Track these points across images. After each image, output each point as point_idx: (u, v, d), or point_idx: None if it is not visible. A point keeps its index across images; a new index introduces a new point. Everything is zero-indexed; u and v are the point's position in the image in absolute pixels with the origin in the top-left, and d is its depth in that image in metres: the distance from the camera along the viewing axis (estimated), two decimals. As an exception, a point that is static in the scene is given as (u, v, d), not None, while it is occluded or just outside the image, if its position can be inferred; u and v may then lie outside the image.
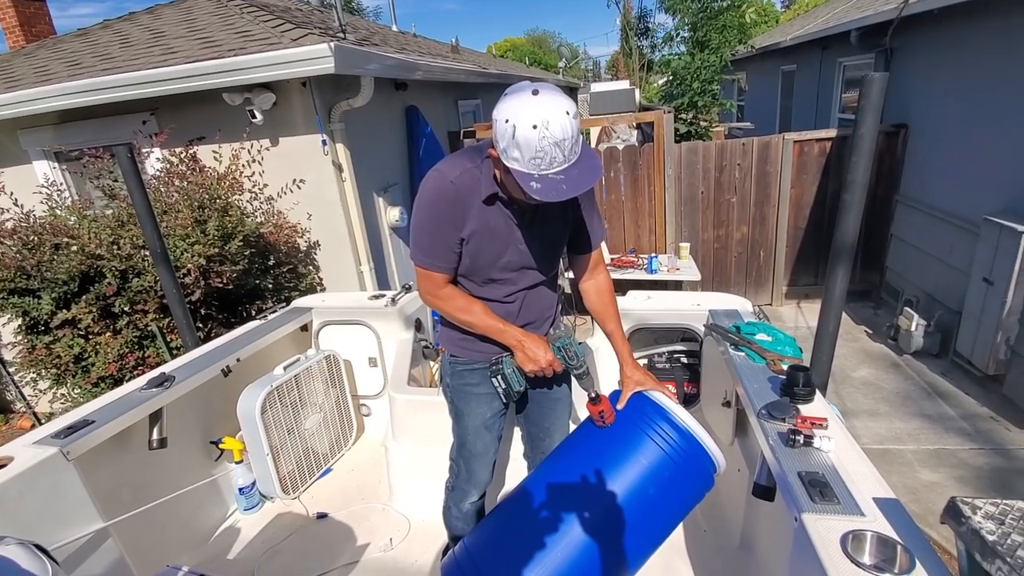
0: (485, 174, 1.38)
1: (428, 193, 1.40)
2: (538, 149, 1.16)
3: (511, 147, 1.18)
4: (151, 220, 2.52)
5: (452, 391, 1.68)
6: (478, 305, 1.49)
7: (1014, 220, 3.50)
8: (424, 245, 1.44)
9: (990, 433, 3.44)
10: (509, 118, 1.17)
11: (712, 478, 1.48)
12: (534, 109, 1.15)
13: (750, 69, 11.10)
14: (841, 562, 1.02)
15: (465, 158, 1.41)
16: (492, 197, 1.39)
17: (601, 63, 37.62)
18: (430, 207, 1.40)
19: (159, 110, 4.02)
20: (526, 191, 1.19)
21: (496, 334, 1.48)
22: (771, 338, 1.88)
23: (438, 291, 1.49)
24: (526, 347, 1.46)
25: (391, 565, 2.07)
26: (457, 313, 1.50)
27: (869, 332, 4.95)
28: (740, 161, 5.32)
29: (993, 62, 3.95)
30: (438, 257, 1.44)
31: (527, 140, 1.15)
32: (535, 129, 1.14)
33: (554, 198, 1.19)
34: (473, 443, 1.68)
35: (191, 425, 2.29)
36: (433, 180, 1.39)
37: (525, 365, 1.46)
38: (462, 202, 1.38)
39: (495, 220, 1.42)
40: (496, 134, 1.21)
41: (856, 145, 1.83)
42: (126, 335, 3.27)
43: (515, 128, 1.16)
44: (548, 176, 1.19)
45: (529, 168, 1.19)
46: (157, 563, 1.86)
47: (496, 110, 1.21)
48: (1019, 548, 0.87)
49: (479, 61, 9.22)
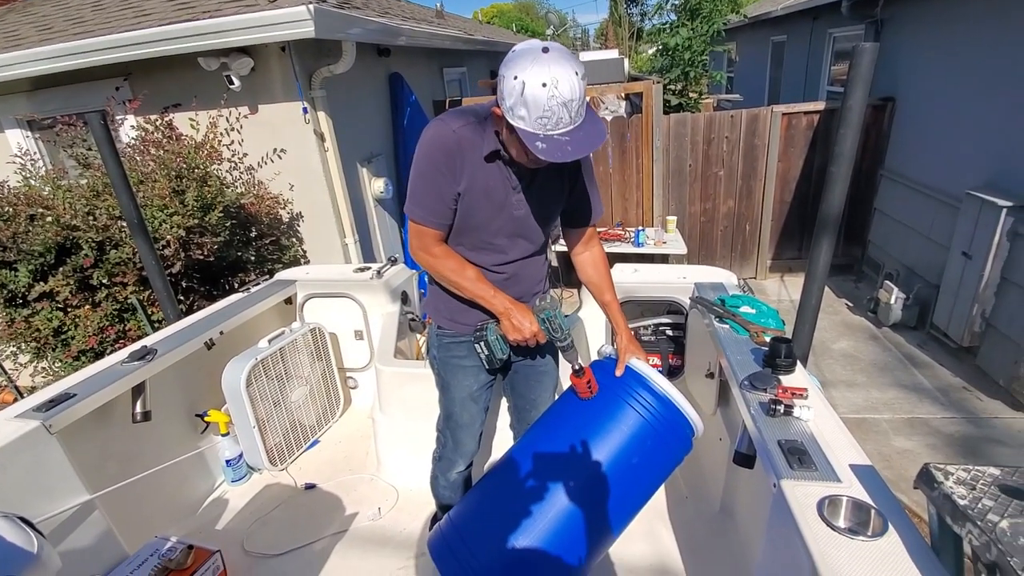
0: (488, 131, 1.35)
1: (428, 142, 1.35)
2: (545, 108, 1.14)
3: (518, 105, 1.16)
4: (127, 190, 2.45)
5: (439, 363, 1.67)
6: (471, 269, 1.46)
7: (995, 195, 3.55)
8: (419, 196, 1.39)
9: (963, 402, 3.55)
10: (518, 75, 1.14)
11: (691, 442, 1.51)
12: (544, 67, 1.13)
13: (740, 39, 10.96)
14: (817, 525, 1.06)
15: (469, 113, 1.37)
16: (493, 154, 1.35)
17: (590, 31, 36.85)
18: (428, 157, 1.35)
19: (133, 75, 3.86)
20: (531, 151, 1.17)
21: (485, 300, 1.45)
22: (755, 310, 1.90)
23: (431, 248, 1.44)
24: (512, 315, 1.44)
25: (380, 534, 2.11)
26: (448, 273, 1.45)
27: (850, 305, 5.04)
28: (728, 134, 5.29)
29: (981, 35, 3.94)
30: (432, 211, 1.39)
31: (535, 98, 1.13)
32: (544, 88, 1.12)
33: (559, 159, 1.17)
34: (459, 414, 1.69)
35: (175, 398, 2.28)
36: (434, 128, 1.34)
37: (509, 334, 1.46)
38: (462, 154, 1.34)
39: (493, 180, 1.38)
40: (503, 91, 1.19)
41: (844, 117, 1.82)
42: (105, 308, 3.20)
43: (524, 85, 1.13)
44: (553, 137, 1.17)
45: (535, 128, 1.17)
46: (145, 534, 1.87)
47: (503, 66, 1.18)
48: (989, 512, 0.90)
49: (465, 27, 8.96)
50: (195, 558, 1.78)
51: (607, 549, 1.57)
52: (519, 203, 1.43)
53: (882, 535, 1.03)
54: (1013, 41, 3.61)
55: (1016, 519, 0.89)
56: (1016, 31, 3.59)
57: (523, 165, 1.37)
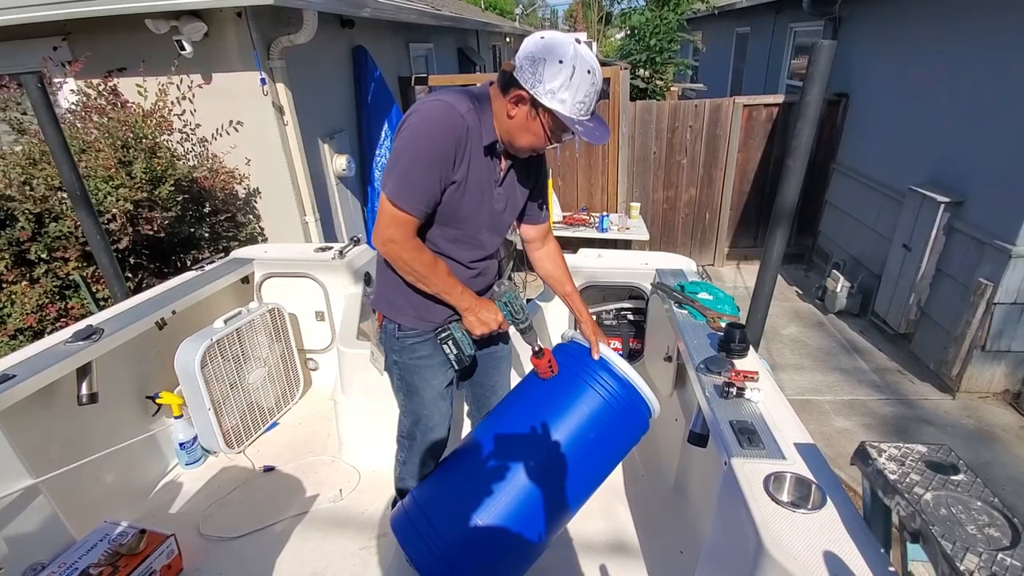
0: (485, 121, 1.31)
1: (435, 122, 1.23)
2: (587, 94, 1.22)
3: (563, 88, 1.20)
4: (68, 158, 2.30)
5: (401, 368, 1.56)
6: (443, 264, 1.40)
7: (936, 191, 3.77)
8: (412, 182, 1.25)
9: (897, 385, 3.81)
10: (564, 59, 1.18)
11: (648, 422, 1.57)
12: (588, 56, 1.21)
13: (706, 29, 11.10)
14: (763, 499, 1.12)
15: (465, 96, 1.29)
16: (491, 146, 1.33)
17: (559, 12, 36.56)
18: (434, 141, 1.24)
19: (73, 35, 3.60)
20: (568, 131, 1.26)
21: (452, 295, 1.40)
22: (712, 297, 1.97)
23: (409, 239, 1.31)
24: (477, 311, 1.43)
25: (342, 515, 2.10)
26: (422, 267, 1.35)
27: (800, 292, 5.28)
28: (692, 123, 5.39)
29: (929, 39, 4.13)
30: (423, 200, 1.28)
31: (582, 84, 1.20)
32: (589, 74, 1.21)
33: (593, 140, 1.26)
34: (430, 416, 1.62)
35: (124, 380, 2.19)
36: (441, 110, 1.24)
37: (475, 329, 1.44)
38: (468, 142, 1.28)
39: (483, 171, 1.36)
40: (541, 74, 1.20)
41: (802, 112, 1.88)
42: (45, 284, 3.02)
43: (574, 70, 1.19)
44: (585, 122, 1.25)
45: (572, 112, 1.23)
46: (94, 519, 1.81)
47: (541, 51, 1.20)
48: (915, 486, 0.98)
49: (433, 2, 8.73)
50: (148, 542, 1.73)
51: (566, 524, 1.62)
52: (498, 196, 1.43)
53: (821, 508, 1.11)
54: (955, 48, 3.81)
55: (938, 491, 0.97)
56: (959, 39, 3.78)
57: (501, 158, 1.38)
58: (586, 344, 1.58)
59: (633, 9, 8.30)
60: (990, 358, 3.51)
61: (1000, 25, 3.41)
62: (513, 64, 1.24)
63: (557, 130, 1.28)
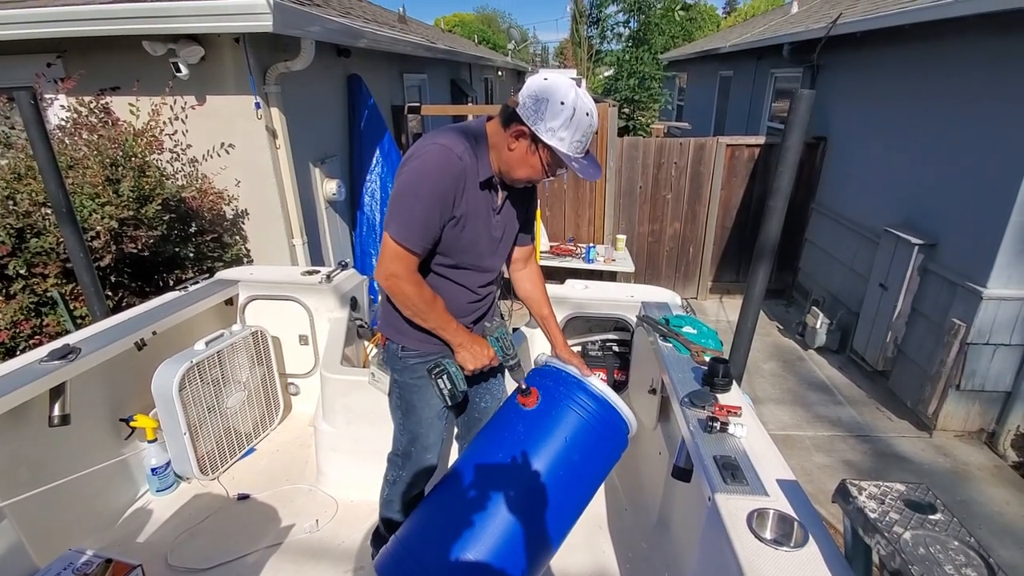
0: (481, 157, 1.39)
1: (435, 166, 1.31)
2: (584, 134, 1.31)
3: (563, 127, 1.28)
4: (56, 174, 2.29)
5: (402, 387, 1.62)
6: (440, 300, 1.46)
7: (910, 233, 3.90)
8: (414, 220, 1.33)
9: (875, 422, 3.85)
10: (566, 101, 1.27)
11: (626, 439, 1.59)
12: (586, 99, 1.30)
13: (691, 70, 11.52)
14: (746, 537, 1.13)
15: (461, 137, 1.37)
16: (488, 182, 1.41)
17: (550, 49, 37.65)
18: (434, 183, 1.31)
19: (67, 53, 3.61)
20: (564, 167, 1.34)
21: (447, 331, 1.46)
22: (696, 331, 2.00)
23: (412, 275, 1.39)
24: (471, 347, 1.47)
25: (317, 546, 2.04)
26: (421, 302, 1.41)
27: (780, 328, 5.36)
28: (677, 160, 5.54)
29: (902, 87, 4.34)
30: (424, 237, 1.36)
31: (580, 124, 1.29)
32: (587, 116, 1.29)
33: (588, 176, 1.34)
34: (427, 435, 1.66)
35: (98, 401, 2.13)
36: (439, 153, 1.32)
37: (468, 364, 1.47)
38: (465, 182, 1.37)
39: (482, 203, 1.44)
40: (542, 112, 1.28)
41: (783, 156, 1.96)
42: (21, 300, 2.95)
43: (574, 111, 1.27)
44: (580, 159, 1.33)
45: (569, 150, 1.31)
46: (59, 546, 1.73)
47: (544, 91, 1.28)
48: (895, 525, 0.99)
49: (427, 34, 8.95)
50: (114, 572, 1.66)
51: (553, 555, 1.60)
52: (496, 225, 1.50)
53: (803, 546, 1.11)
54: (926, 96, 4.01)
55: (917, 531, 0.98)
56: (929, 88, 3.98)
57: (499, 189, 1.45)
58: (562, 366, 1.60)
59: (610, 51, 8.69)
60: (965, 397, 3.58)
61: (966, 78, 3.60)
62: (517, 100, 1.32)
63: (554, 165, 1.36)
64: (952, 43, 3.73)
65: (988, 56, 3.43)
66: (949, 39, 3.74)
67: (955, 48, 3.72)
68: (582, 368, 1.59)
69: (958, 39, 3.66)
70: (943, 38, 3.79)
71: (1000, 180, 3.25)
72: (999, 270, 3.27)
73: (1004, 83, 3.29)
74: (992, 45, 3.38)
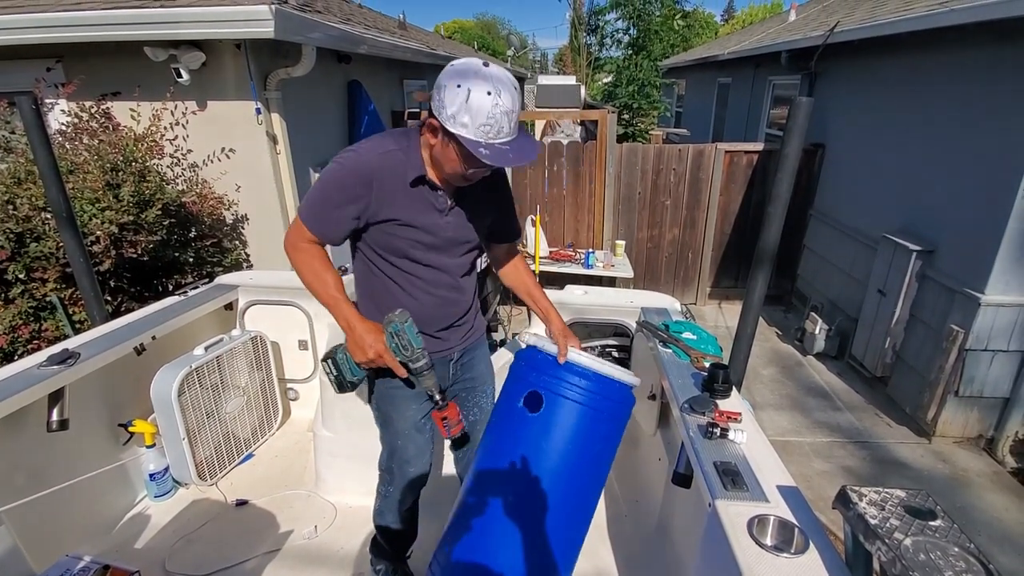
0: (412, 156, 1.35)
1: (343, 166, 1.33)
2: (489, 116, 1.18)
3: (462, 112, 1.18)
4: (56, 179, 2.29)
5: (377, 397, 1.57)
6: (333, 276, 1.41)
7: (907, 239, 3.92)
8: (314, 204, 1.37)
9: (874, 428, 3.85)
10: (462, 83, 1.18)
11: (632, 398, 1.55)
12: (488, 77, 1.19)
13: (690, 77, 11.58)
14: (747, 543, 1.12)
15: (389, 140, 1.37)
16: (419, 179, 1.36)
17: (549, 55, 37.86)
18: (338, 181, 1.33)
19: (67, 58, 3.63)
20: (475, 156, 1.20)
21: (335, 311, 1.39)
22: (696, 337, 2.00)
23: (300, 243, 1.40)
24: (356, 333, 1.36)
25: (315, 552, 2.03)
26: (308, 272, 1.40)
27: (779, 333, 5.37)
28: (676, 166, 5.56)
29: (899, 94, 4.37)
30: (319, 220, 1.37)
31: (480, 106, 1.17)
32: (489, 96, 1.17)
33: (502, 163, 1.23)
34: (405, 448, 1.59)
35: (97, 406, 2.12)
36: (350, 158, 1.33)
37: (354, 354, 1.37)
38: (381, 182, 1.33)
39: (419, 204, 1.38)
40: (442, 100, 1.20)
41: (781, 163, 1.97)
42: (20, 304, 2.95)
43: (469, 92, 1.17)
44: (495, 145, 1.21)
45: (477, 136, 1.20)
46: (56, 552, 1.72)
47: (443, 77, 1.21)
48: (896, 531, 0.99)
49: (427, 40, 8.99)
50: (110, 579, 1.65)
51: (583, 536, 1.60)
52: (447, 225, 1.43)
53: (804, 552, 1.11)
54: (924, 103, 4.03)
55: (917, 537, 0.98)
56: (926, 95, 4.01)
57: (449, 186, 1.39)
58: (552, 349, 1.52)
59: (609, 58, 8.75)
60: (964, 403, 3.59)
61: (964, 85, 3.63)
62: (430, 94, 1.26)
63: (472, 155, 1.23)
64: (949, 51, 3.76)
65: (985, 63, 3.46)
66: (946, 47, 3.77)
67: (952, 56, 3.75)
68: (570, 343, 1.51)
69: (955, 47, 3.69)
70: (940, 46, 3.82)
71: (997, 187, 3.27)
72: (997, 276, 3.28)
73: (1001, 90, 3.31)
74: (990, 53, 3.41)
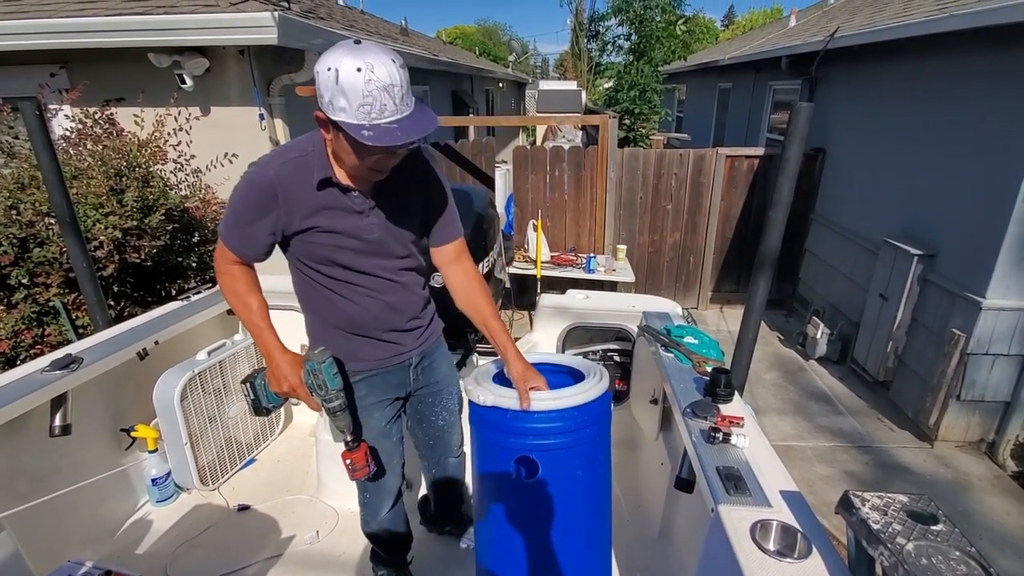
0: (317, 160, 1.30)
1: (246, 183, 1.31)
2: (365, 94, 1.10)
3: (336, 96, 1.11)
4: (60, 185, 2.31)
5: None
6: (256, 300, 1.41)
7: (909, 243, 3.92)
8: (229, 225, 1.36)
9: (876, 432, 3.84)
10: (331, 66, 1.10)
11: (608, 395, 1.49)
12: (357, 55, 1.10)
13: (690, 83, 11.62)
14: (749, 548, 1.12)
15: (293, 146, 1.34)
16: (325, 182, 1.31)
17: (550, 61, 38.03)
18: (244, 198, 1.31)
19: (71, 64, 3.66)
20: (358, 139, 1.12)
21: (257, 338, 1.40)
22: (698, 341, 2.00)
23: (224, 264, 1.40)
24: (274, 362, 1.37)
25: (317, 557, 2.03)
26: (231, 296, 1.41)
27: (781, 338, 5.36)
28: (677, 171, 5.57)
29: (900, 98, 4.38)
30: (237, 239, 1.36)
31: (352, 84, 1.09)
32: (359, 72, 1.09)
33: (388, 143, 1.13)
34: (372, 453, 1.58)
35: (99, 411, 2.12)
36: (252, 173, 1.31)
37: (270, 382, 1.37)
38: (286, 193, 1.29)
39: (333, 208, 1.34)
40: (319, 89, 1.14)
41: (782, 168, 1.98)
42: (23, 309, 2.96)
43: (338, 73, 1.09)
44: (380, 125, 1.13)
45: (358, 118, 1.12)
46: (58, 558, 1.73)
47: (317, 64, 1.14)
48: (898, 536, 0.99)
49: (429, 47, 9.05)
50: (112, 585, 1.65)
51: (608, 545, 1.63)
52: (371, 226, 1.38)
53: (807, 557, 1.11)
54: (924, 108, 4.04)
55: (919, 541, 0.98)
56: (927, 99, 4.02)
57: (364, 184, 1.33)
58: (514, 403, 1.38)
59: (610, 63, 8.80)
60: (965, 407, 3.58)
61: (964, 90, 3.64)
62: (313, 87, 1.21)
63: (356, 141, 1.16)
64: (949, 56, 3.78)
65: (985, 69, 3.47)
66: (946, 52, 3.79)
67: (952, 61, 3.77)
68: (530, 384, 1.39)
69: (955, 52, 3.71)
70: (939, 51, 3.84)
71: (997, 190, 3.27)
72: (997, 280, 3.28)
73: (1001, 95, 3.32)
74: (989, 58, 3.43)
